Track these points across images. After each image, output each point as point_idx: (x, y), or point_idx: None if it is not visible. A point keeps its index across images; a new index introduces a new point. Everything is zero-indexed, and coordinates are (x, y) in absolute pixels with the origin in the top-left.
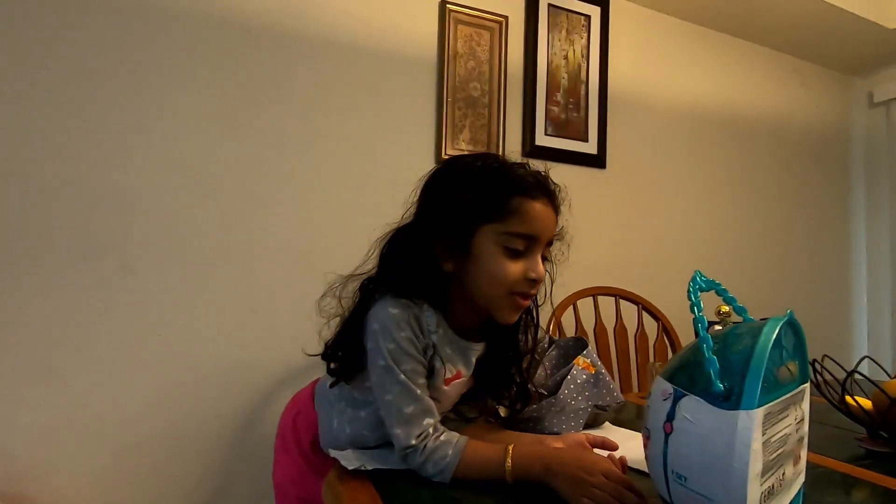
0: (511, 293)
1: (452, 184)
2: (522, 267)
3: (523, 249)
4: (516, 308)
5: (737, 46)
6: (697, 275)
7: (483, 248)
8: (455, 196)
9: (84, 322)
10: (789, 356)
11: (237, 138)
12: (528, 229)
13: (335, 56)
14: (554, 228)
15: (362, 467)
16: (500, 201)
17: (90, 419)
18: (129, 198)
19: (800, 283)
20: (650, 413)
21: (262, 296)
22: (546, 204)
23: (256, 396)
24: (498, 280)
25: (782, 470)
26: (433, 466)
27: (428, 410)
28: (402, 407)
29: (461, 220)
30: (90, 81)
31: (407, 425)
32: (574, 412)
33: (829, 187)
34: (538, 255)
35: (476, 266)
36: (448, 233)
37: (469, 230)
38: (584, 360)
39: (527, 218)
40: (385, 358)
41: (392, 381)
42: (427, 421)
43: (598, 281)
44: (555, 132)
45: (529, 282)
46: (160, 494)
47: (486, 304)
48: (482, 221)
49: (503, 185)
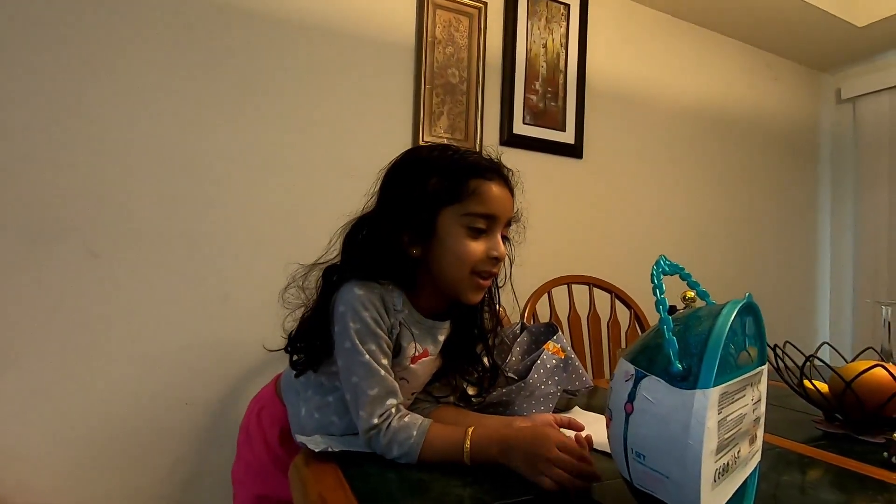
0: (474, 272)
1: (413, 172)
2: (484, 246)
3: (485, 228)
4: (479, 288)
5: (712, 39)
6: (662, 259)
7: (446, 231)
8: (416, 183)
9: (46, 308)
10: (748, 338)
11: (208, 121)
12: (487, 209)
13: (310, 39)
14: (511, 208)
15: (329, 449)
16: (460, 184)
17: (53, 408)
18: (94, 179)
19: (767, 271)
20: (612, 394)
21: (235, 282)
22: (502, 185)
23: (228, 384)
24: (462, 259)
25: (737, 448)
26: (398, 448)
27: (391, 391)
28: (367, 389)
29: (424, 206)
30: (50, 58)
31: (370, 406)
32: (544, 396)
33: (797, 180)
34: (498, 235)
35: (441, 248)
36: (412, 219)
37: (432, 214)
38: (554, 344)
39: (485, 198)
40: (351, 339)
41: (357, 363)
42: (390, 401)
43: (573, 269)
44: (532, 121)
45: (492, 260)
46: (129, 483)
47: (451, 285)
48: (443, 205)
49: (461, 170)
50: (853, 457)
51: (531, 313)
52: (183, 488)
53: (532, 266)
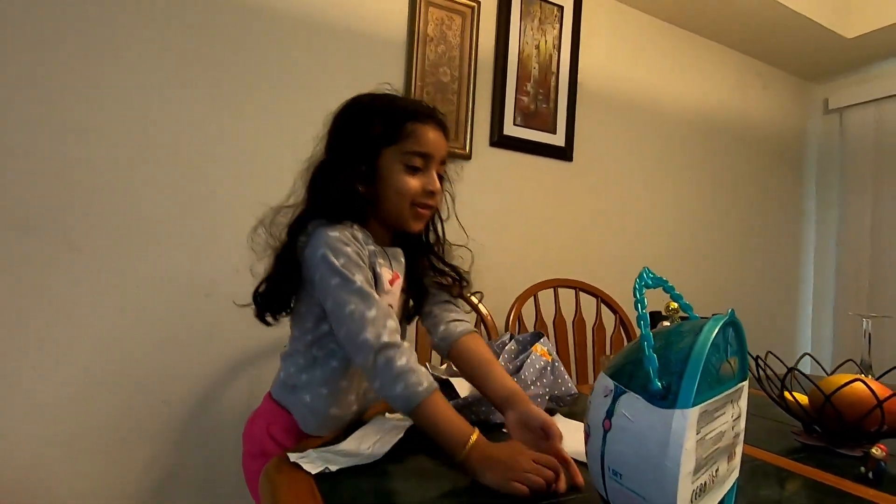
0: (413, 204)
1: (356, 118)
2: (421, 181)
3: (421, 166)
4: (419, 217)
5: (704, 46)
6: (645, 271)
7: (387, 169)
8: (360, 128)
9: (23, 301)
10: (729, 355)
11: (196, 115)
12: (423, 148)
13: (301, 35)
14: (445, 148)
15: (326, 470)
16: (398, 127)
17: (29, 404)
18: (76, 170)
19: (751, 279)
20: (591, 408)
21: (219, 280)
22: (435, 128)
23: (207, 382)
24: (402, 193)
25: (716, 466)
26: (404, 387)
27: (389, 314)
28: (366, 311)
29: (368, 148)
30: (29, 46)
31: (373, 326)
32: (532, 399)
33: (783, 189)
34: (433, 172)
35: (383, 184)
36: (358, 160)
37: (374, 154)
38: (541, 347)
39: (421, 139)
40: (339, 273)
41: (350, 292)
42: (390, 323)
43: (560, 273)
44: (523, 122)
45: (428, 193)
46: (105, 481)
47: (395, 216)
48: (384, 145)
49: (399, 114)
50: (831, 470)
51: (517, 316)
52: (159, 487)
53: (519, 269)
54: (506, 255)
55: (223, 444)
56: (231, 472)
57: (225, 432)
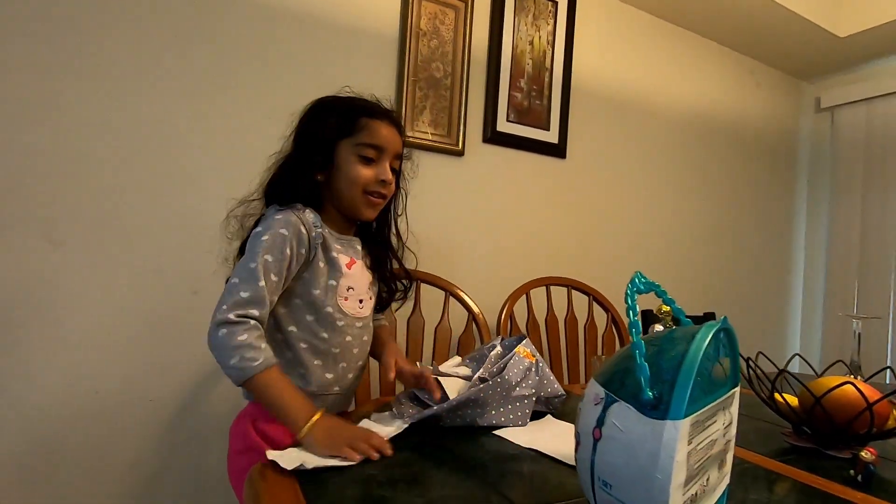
0: (365, 192)
1: (316, 113)
2: (374, 171)
3: (374, 158)
4: (371, 205)
5: (698, 43)
6: (637, 276)
7: (343, 159)
8: (319, 122)
9: (3, 299)
10: (721, 362)
11: (183, 110)
12: (375, 140)
13: (291, 28)
14: (399, 143)
15: (301, 467)
16: (353, 121)
17: (9, 403)
18: (56, 164)
19: (742, 278)
20: (581, 416)
21: (205, 277)
22: (388, 124)
23: (193, 380)
24: (354, 181)
25: (707, 475)
26: (239, 360)
27: (259, 303)
28: (240, 290)
29: (325, 139)
30: (9, 37)
31: (234, 305)
32: (519, 400)
33: (775, 187)
34: (386, 164)
35: (338, 173)
36: (316, 151)
37: (331, 145)
38: (524, 349)
39: (374, 133)
40: (253, 247)
41: (245, 267)
42: (253, 311)
43: (552, 271)
44: (517, 119)
45: (380, 182)
46: (91, 481)
47: (348, 204)
48: (340, 137)
49: (354, 109)
50: (820, 473)
51: (509, 314)
52: (144, 486)
53: (511, 267)
54: (498, 252)
55: (209, 443)
56: (217, 471)
57: (211, 431)
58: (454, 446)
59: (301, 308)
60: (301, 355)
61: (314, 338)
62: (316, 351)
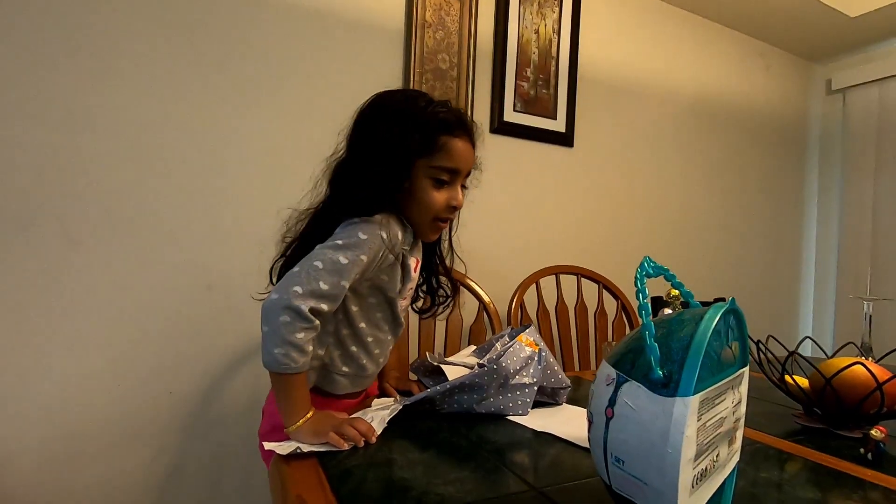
0: (435, 219)
1: (386, 121)
2: (446, 196)
3: (448, 180)
4: (437, 230)
5: (706, 27)
6: (646, 261)
7: (415, 181)
8: (390, 133)
9: (26, 296)
10: (730, 342)
11: (193, 104)
12: (452, 163)
13: (300, 21)
14: (473, 161)
15: (297, 450)
16: (430, 139)
17: (33, 397)
18: (73, 163)
19: (754, 262)
20: (594, 397)
21: (219, 272)
22: (466, 141)
23: (211, 374)
24: (426, 208)
25: (716, 452)
26: (283, 355)
27: (332, 299)
28: (321, 280)
29: (399, 155)
30: (29, 40)
31: (311, 296)
32: (520, 389)
33: (787, 171)
34: (458, 186)
35: (408, 195)
36: (392, 165)
37: (406, 164)
38: (527, 337)
39: (451, 154)
40: (347, 242)
41: (332, 259)
42: (323, 306)
43: (562, 259)
44: (523, 108)
45: (451, 208)
46: (113, 474)
47: (415, 225)
48: (416, 157)
49: (431, 125)
50: (830, 452)
51: (519, 303)
52: (165, 478)
53: (520, 256)
54: (507, 242)
55: (228, 435)
56: (237, 462)
57: (230, 422)
58: (469, 432)
59: (374, 306)
60: (369, 348)
61: (379, 332)
62: (378, 342)
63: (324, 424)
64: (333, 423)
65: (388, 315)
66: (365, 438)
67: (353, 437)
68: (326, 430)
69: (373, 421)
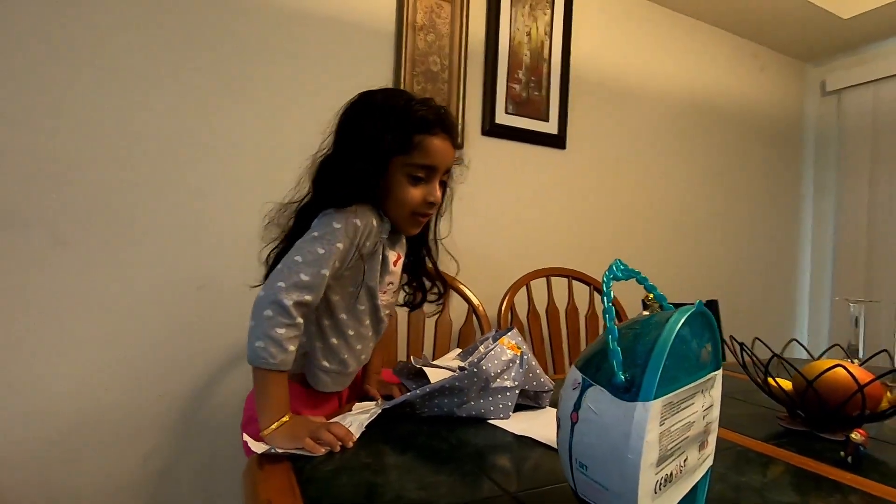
0: (413, 213)
1: (367, 119)
2: (423, 192)
3: (424, 177)
4: (417, 224)
5: (699, 29)
6: (615, 264)
7: (392, 176)
8: (370, 130)
9: (11, 299)
10: (699, 345)
11: (180, 104)
12: (429, 161)
13: (287, 25)
14: (451, 159)
15: (271, 450)
16: (406, 138)
17: (22, 401)
18: (59, 165)
19: (749, 264)
20: (561, 401)
21: (211, 272)
22: (444, 139)
23: (201, 375)
24: (402, 204)
25: (684, 456)
26: (262, 349)
27: (314, 289)
28: (301, 272)
29: (376, 153)
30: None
31: (295, 289)
32: (501, 392)
33: (781, 172)
34: (436, 182)
35: (386, 189)
36: (370, 160)
37: (383, 162)
38: (508, 340)
39: (427, 152)
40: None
41: (310, 251)
42: (307, 297)
43: (553, 262)
44: (515, 111)
45: (428, 204)
46: (103, 476)
47: (393, 220)
48: (392, 155)
49: (408, 124)
50: (812, 455)
51: (509, 305)
52: (157, 481)
53: (511, 258)
54: (498, 244)
55: (220, 435)
56: (229, 463)
57: (221, 423)
58: (449, 435)
59: (354, 296)
60: (350, 342)
61: (360, 326)
62: (359, 337)
63: (300, 429)
64: (310, 427)
65: (369, 307)
66: (342, 443)
67: (330, 441)
68: (303, 435)
69: (351, 426)
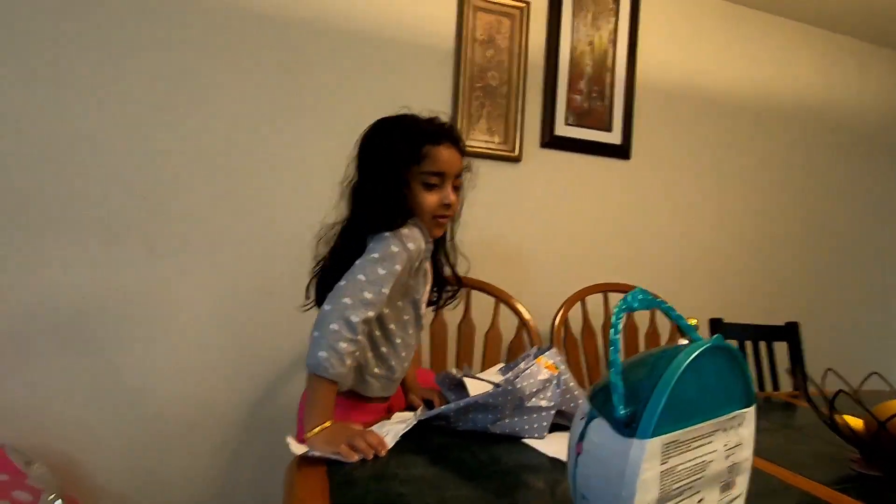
0: (434, 217)
1: (381, 140)
2: (438, 197)
3: (437, 183)
4: (439, 226)
5: (779, 26)
6: (634, 294)
7: (411, 188)
8: (384, 151)
9: (116, 299)
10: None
11: (254, 127)
12: (438, 167)
13: (351, 41)
14: (459, 164)
15: (309, 453)
16: (416, 150)
17: (121, 387)
18: (154, 187)
19: (839, 286)
20: (571, 430)
21: (277, 281)
22: (450, 147)
23: (272, 372)
24: (422, 209)
25: (698, 497)
26: (325, 359)
27: (378, 306)
28: (366, 290)
29: (392, 168)
30: (109, 69)
31: (363, 306)
32: (536, 412)
33: (880, 180)
34: (448, 187)
35: (409, 200)
36: (386, 178)
37: (400, 175)
38: (546, 360)
39: (435, 160)
40: (384, 256)
41: (372, 270)
42: (370, 314)
43: (613, 277)
44: (576, 122)
45: (444, 206)
46: (182, 458)
47: None
48: (405, 166)
49: (416, 137)
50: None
51: (563, 320)
52: (229, 462)
53: (568, 272)
54: (555, 258)
55: (283, 431)
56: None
57: (284, 419)
58: (481, 451)
59: (402, 309)
60: (397, 349)
61: (405, 334)
62: (405, 345)
63: (338, 435)
64: (348, 434)
65: (413, 316)
66: (375, 451)
67: (363, 449)
68: (340, 441)
69: (387, 435)
